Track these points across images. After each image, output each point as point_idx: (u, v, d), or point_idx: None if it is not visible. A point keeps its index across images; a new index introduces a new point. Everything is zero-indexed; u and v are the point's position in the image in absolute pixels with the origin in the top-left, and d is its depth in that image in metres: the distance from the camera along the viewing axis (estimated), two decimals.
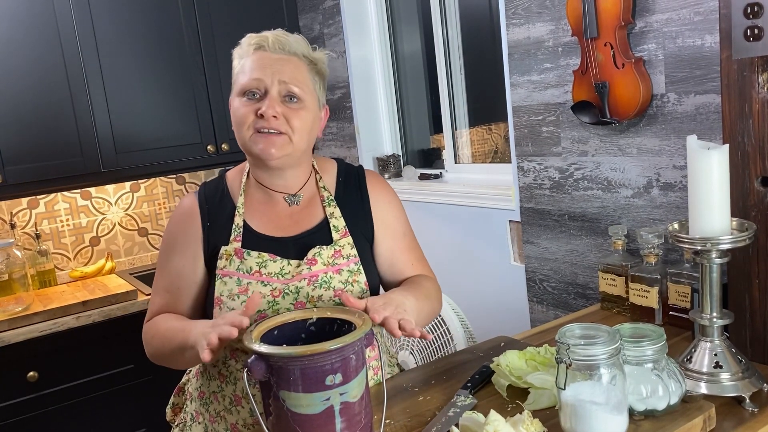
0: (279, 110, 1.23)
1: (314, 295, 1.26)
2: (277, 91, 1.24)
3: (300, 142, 1.27)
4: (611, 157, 1.80)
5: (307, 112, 1.27)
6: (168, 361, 1.31)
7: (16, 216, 2.74)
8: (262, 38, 1.27)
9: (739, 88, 1.22)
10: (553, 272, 2.06)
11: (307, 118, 1.27)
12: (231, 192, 1.36)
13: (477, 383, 1.26)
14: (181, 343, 1.20)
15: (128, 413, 2.47)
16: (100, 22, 2.54)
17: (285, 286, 1.26)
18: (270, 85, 1.23)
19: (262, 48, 1.26)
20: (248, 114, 1.24)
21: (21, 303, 2.34)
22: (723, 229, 1.12)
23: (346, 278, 1.29)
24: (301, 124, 1.25)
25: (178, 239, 1.34)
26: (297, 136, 1.25)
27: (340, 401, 0.96)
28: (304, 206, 1.35)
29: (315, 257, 1.28)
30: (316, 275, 1.27)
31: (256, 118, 1.23)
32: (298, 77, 1.26)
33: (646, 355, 1.03)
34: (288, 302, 1.25)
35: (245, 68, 1.26)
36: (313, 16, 2.98)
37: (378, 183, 1.42)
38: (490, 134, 2.62)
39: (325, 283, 1.27)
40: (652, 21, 1.63)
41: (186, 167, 2.83)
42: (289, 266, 1.27)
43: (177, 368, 1.35)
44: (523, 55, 1.99)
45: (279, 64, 1.25)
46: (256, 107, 1.23)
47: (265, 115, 1.22)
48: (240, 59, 1.29)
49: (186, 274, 1.32)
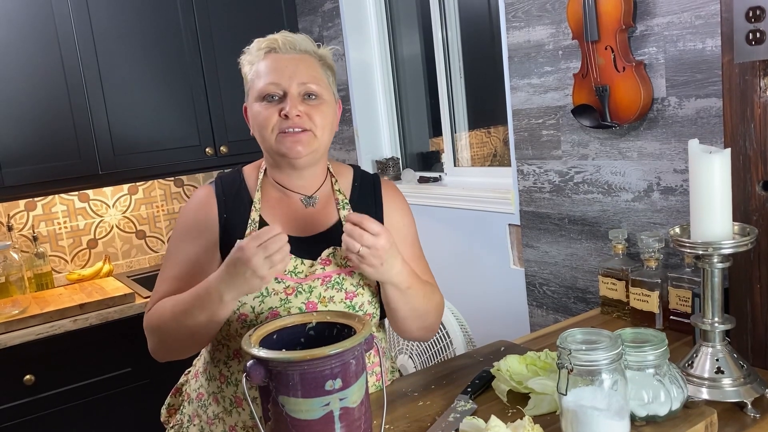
0: (302, 109, 1.25)
1: (326, 296, 1.26)
2: (297, 92, 1.26)
3: (323, 137, 1.29)
4: (612, 161, 1.80)
5: (327, 107, 1.29)
6: (181, 340, 1.26)
7: (14, 218, 2.73)
8: (272, 41, 1.28)
9: (740, 92, 1.21)
10: (553, 276, 2.05)
11: (327, 113, 1.29)
12: (248, 186, 1.36)
13: (477, 388, 1.25)
14: (202, 299, 1.17)
15: (125, 416, 2.45)
16: (98, 24, 2.54)
17: (298, 285, 1.26)
18: (289, 87, 1.25)
19: (273, 50, 1.28)
20: (271, 116, 1.26)
21: (18, 306, 2.33)
22: (724, 234, 1.11)
23: (357, 281, 1.29)
24: (323, 120, 1.28)
25: (194, 228, 1.33)
26: (320, 131, 1.28)
27: (340, 406, 0.95)
28: (319, 208, 1.36)
29: (329, 257, 1.29)
30: (329, 276, 1.28)
31: (280, 119, 1.25)
32: (314, 74, 1.28)
33: (648, 361, 1.03)
34: (300, 301, 1.25)
35: (260, 72, 1.27)
36: (313, 18, 2.98)
37: (393, 191, 1.44)
38: (489, 137, 2.62)
39: (338, 284, 1.28)
40: (653, 24, 1.63)
41: (184, 170, 2.82)
42: (302, 265, 1.28)
43: (187, 352, 1.29)
44: (523, 58, 1.98)
45: (293, 65, 1.26)
46: (278, 108, 1.25)
47: (289, 115, 1.24)
48: (251, 65, 1.30)
49: (200, 262, 1.30)
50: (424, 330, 1.35)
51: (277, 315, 1.24)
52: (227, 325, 1.27)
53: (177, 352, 1.30)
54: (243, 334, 1.25)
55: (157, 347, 1.31)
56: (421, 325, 1.33)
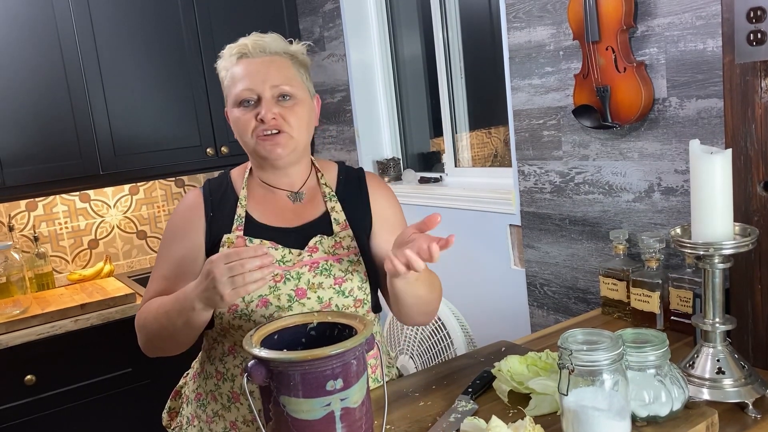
0: (276, 111, 1.28)
1: (315, 282, 1.28)
2: (270, 95, 1.29)
3: (301, 136, 1.32)
4: (612, 162, 1.80)
5: (302, 106, 1.32)
6: (163, 340, 1.28)
7: (15, 218, 2.73)
8: (242, 46, 1.31)
9: (741, 92, 1.21)
10: (554, 276, 2.05)
11: (302, 112, 1.32)
12: (235, 186, 1.39)
13: (478, 388, 1.25)
14: (180, 304, 1.18)
15: (126, 417, 2.45)
16: (99, 25, 2.54)
17: (287, 273, 1.28)
18: (262, 91, 1.28)
19: (244, 55, 1.31)
20: (249, 121, 1.29)
21: (19, 306, 2.33)
22: (725, 234, 1.11)
23: (346, 267, 1.31)
24: (297, 120, 1.31)
25: (181, 228, 1.36)
26: (297, 132, 1.31)
27: (341, 407, 0.95)
28: (305, 202, 1.38)
29: (316, 245, 1.32)
30: (317, 262, 1.30)
31: (257, 123, 1.29)
32: (287, 75, 1.31)
33: (649, 361, 1.03)
34: (289, 288, 1.27)
35: (235, 78, 1.31)
36: (314, 19, 2.98)
37: (377, 182, 1.46)
38: (490, 138, 2.62)
39: (326, 270, 1.30)
40: (653, 25, 1.63)
41: (185, 170, 2.82)
42: (290, 255, 1.30)
43: (171, 350, 1.31)
44: (524, 58, 1.98)
45: (265, 68, 1.30)
46: (254, 113, 1.29)
47: (264, 119, 1.27)
48: (226, 71, 1.34)
49: (187, 261, 1.33)
50: (426, 315, 1.36)
51: (267, 302, 1.26)
52: (219, 318, 1.28)
53: (161, 350, 1.33)
54: (235, 325, 1.27)
55: (144, 344, 1.35)
56: (425, 310, 1.34)
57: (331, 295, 1.28)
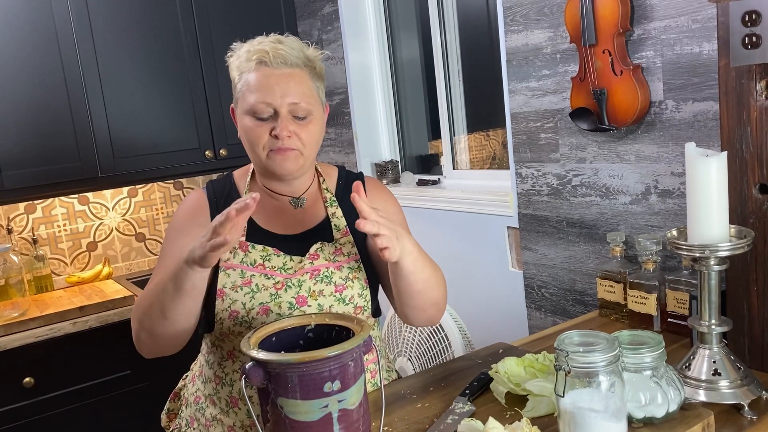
0: (292, 129, 1.25)
1: (316, 290, 1.28)
2: (287, 111, 1.25)
3: (311, 154, 1.30)
4: (609, 164, 1.80)
5: (315, 124, 1.29)
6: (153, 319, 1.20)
7: (13, 221, 2.73)
8: (262, 52, 1.24)
9: (737, 95, 1.22)
10: (552, 279, 2.06)
11: (315, 130, 1.29)
12: (239, 189, 1.39)
13: (475, 390, 1.26)
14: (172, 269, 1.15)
15: (124, 419, 2.45)
16: (98, 27, 2.54)
17: (288, 280, 1.28)
18: (280, 107, 1.24)
19: (263, 63, 1.25)
20: (262, 135, 1.25)
21: (17, 308, 2.33)
22: (721, 237, 1.12)
23: (346, 275, 1.31)
24: (310, 138, 1.28)
25: (186, 226, 1.34)
26: (308, 149, 1.29)
27: (339, 408, 0.96)
28: (306, 207, 1.38)
29: (317, 252, 1.31)
30: (318, 269, 1.30)
31: (270, 139, 1.25)
32: (305, 92, 1.26)
33: (645, 363, 1.03)
34: (290, 295, 1.27)
35: (250, 86, 1.25)
36: (312, 22, 2.98)
37: (377, 185, 1.46)
38: (488, 140, 2.63)
39: (327, 278, 1.30)
40: (650, 28, 1.64)
41: (184, 172, 2.82)
42: (291, 262, 1.30)
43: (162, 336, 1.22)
44: (521, 61, 1.99)
45: (284, 82, 1.24)
46: (269, 127, 1.25)
47: (279, 136, 1.24)
48: (240, 72, 1.28)
49: None
50: (435, 307, 1.31)
51: (268, 310, 1.25)
52: (219, 323, 1.28)
53: (152, 337, 1.23)
54: (235, 331, 1.26)
55: (137, 332, 1.25)
56: (434, 298, 1.28)
57: (331, 302, 1.28)
